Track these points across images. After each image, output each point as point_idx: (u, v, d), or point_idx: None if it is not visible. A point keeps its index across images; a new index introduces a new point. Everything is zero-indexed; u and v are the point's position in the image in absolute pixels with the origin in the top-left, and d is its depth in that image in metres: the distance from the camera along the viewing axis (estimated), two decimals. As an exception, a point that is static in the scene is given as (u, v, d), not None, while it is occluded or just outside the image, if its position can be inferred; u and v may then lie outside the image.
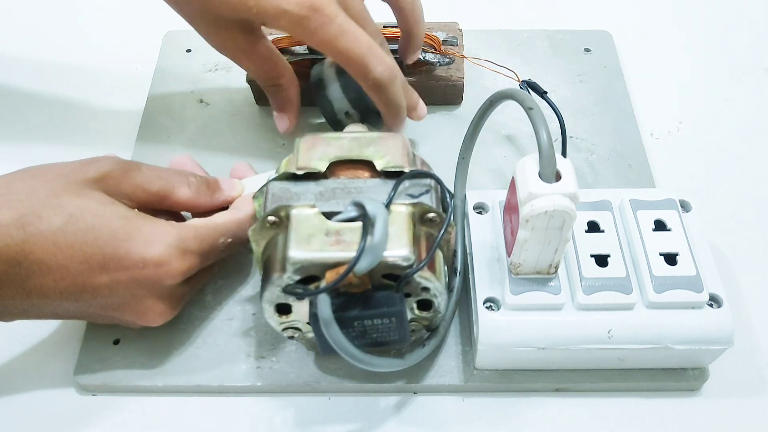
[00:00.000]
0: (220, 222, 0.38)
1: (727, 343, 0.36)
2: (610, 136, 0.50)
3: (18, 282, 0.33)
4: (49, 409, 0.39)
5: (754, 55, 0.57)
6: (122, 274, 0.34)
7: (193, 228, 0.37)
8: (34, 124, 0.52)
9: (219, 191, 0.41)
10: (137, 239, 0.34)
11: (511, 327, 0.36)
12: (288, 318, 0.35)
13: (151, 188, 0.37)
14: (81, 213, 0.34)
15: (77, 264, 0.33)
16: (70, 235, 0.33)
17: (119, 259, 0.34)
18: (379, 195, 0.34)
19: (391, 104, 0.42)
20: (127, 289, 0.35)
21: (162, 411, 0.39)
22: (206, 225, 0.37)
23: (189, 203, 0.39)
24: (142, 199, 0.37)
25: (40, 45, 0.58)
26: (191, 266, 0.36)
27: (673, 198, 0.39)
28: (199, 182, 0.40)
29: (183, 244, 0.35)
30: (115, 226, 0.34)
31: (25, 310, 0.35)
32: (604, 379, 0.38)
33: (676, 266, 0.37)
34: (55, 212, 0.33)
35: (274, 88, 0.45)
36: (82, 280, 0.34)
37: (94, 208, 0.34)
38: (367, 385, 0.39)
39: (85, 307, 0.36)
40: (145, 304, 0.36)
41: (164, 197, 0.38)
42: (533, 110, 0.33)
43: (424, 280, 0.33)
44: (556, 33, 0.57)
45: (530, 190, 0.32)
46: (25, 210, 0.33)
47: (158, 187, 0.38)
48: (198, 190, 0.39)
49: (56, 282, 0.34)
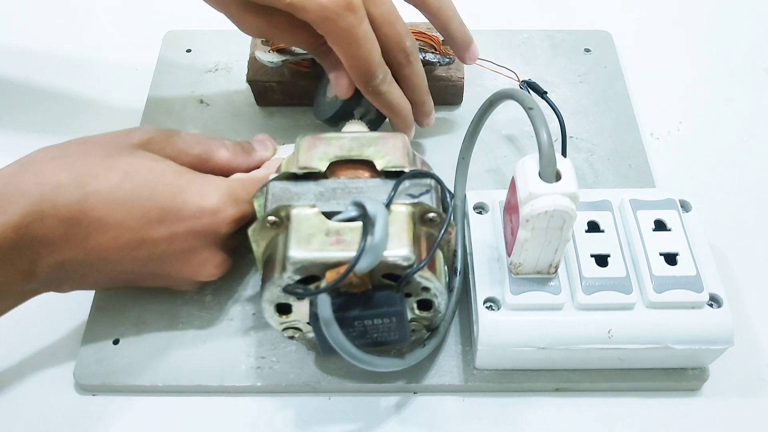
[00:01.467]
0: (261, 176, 0.40)
1: (727, 343, 0.36)
2: (610, 136, 0.50)
3: (77, 241, 0.34)
4: (49, 409, 0.39)
5: (754, 55, 0.57)
6: (180, 226, 0.35)
7: (240, 180, 0.39)
8: (34, 124, 0.52)
9: (254, 152, 0.43)
10: (192, 191, 0.36)
11: (511, 327, 0.36)
12: (288, 318, 0.35)
13: (193, 151, 0.39)
14: (136, 170, 0.35)
15: (135, 219, 0.35)
16: (127, 191, 0.35)
17: (176, 211, 0.35)
18: (379, 195, 0.34)
19: (392, 106, 0.43)
20: (185, 240, 0.36)
21: (162, 411, 0.39)
22: (250, 177, 0.40)
23: (228, 165, 0.41)
24: (185, 162, 0.39)
25: (40, 45, 0.58)
26: (244, 214, 0.37)
27: (673, 198, 0.39)
28: (235, 145, 0.42)
29: (234, 194, 0.37)
30: (170, 180, 0.36)
31: (84, 276, 0.36)
32: (604, 379, 0.38)
33: (676, 266, 0.37)
34: (111, 171, 0.35)
35: (323, 48, 0.43)
36: (141, 234, 0.35)
37: (147, 165, 0.36)
38: (367, 385, 0.39)
39: (142, 265, 0.37)
40: (203, 255, 0.37)
41: (205, 160, 0.40)
42: (533, 110, 0.33)
43: (424, 280, 0.33)
44: (556, 33, 0.57)
45: (530, 190, 0.32)
46: (82, 170, 0.34)
47: (199, 150, 0.40)
48: (235, 151, 0.42)
49: (115, 239, 0.35)
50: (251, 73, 0.50)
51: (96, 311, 0.42)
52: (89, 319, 0.41)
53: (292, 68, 0.49)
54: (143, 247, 0.35)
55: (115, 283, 0.39)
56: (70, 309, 0.42)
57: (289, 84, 0.49)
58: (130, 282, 0.39)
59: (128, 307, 0.42)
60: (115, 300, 0.42)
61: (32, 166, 0.34)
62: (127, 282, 0.39)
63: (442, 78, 0.50)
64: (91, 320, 0.41)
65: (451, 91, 0.51)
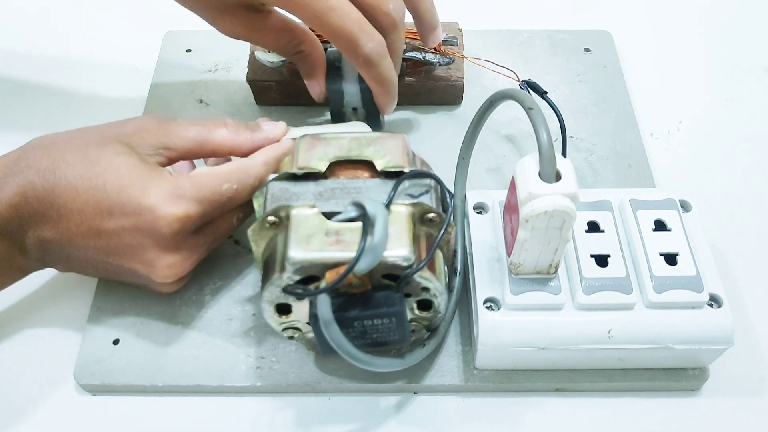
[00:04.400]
0: (224, 169, 0.38)
1: (727, 343, 0.36)
2: (610, 136, 0.50)
3: (52, 223, 0.36)
4: (49, 409, 0.39)
5: (754, 55, 0.57)
6: (125, 221, 0.35)
7: (193, 176, 0.37)
8: (34, 124, 0.52)
9: (259, 130, 0.41)
10: (136, 186, 0.35)
11: (511, 327, 0.36)
12: (288, 318, 0.35)
13: (187, 133, 0.38)
14: (98, 160, 0.36)
15: (91, 208, 0.35)
16: (86, 180, 0.35)
17: (122, 205, 0.35)
18: (379, 195, 0.34)
19: (382, 80, 0.42)
20: (133, 236, 0.36)
21: (162, 411, 0.39)
22: (208, 172, 0.37)
23: (228, 144, 0.39)
24: (181, 147, 0.38)
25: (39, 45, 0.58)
26: (188, 212, 0.36)
27: (673, 198, 0.39)
28: (236, 123, 0.40)
29: (178, 191, 0.36)
30: (122, 173, 0.35)
31: (67, 258, 0.38)
32: (604, 379, 0.38)
33: (676, 266, 0.36)
34: (80, 160, 0.36)
35: (298, 56, 0.45)
36: (96, 224, 0.35)
37: (108, 157, 0.36)
38: (367, 385, 0.39)
39: (105, 256, 0.37)
40: (151, 255, 0.36)
41: (201, 141, 0.39)
42: (533, 110, 0.33)
43: (424, 280, 0.33)
44: (556, 33, 0.57)
45: (530, 190, 0.32)
46: (59, 157, 0.36)
47: (194, 132, 0.39)
48: (236, 130, 0.40)
49: (77, 225, 0.36)
50: (251, 73, 0.50)
51: (96, 311, 0.42)
52: (89, 319, 0.41)
53: (292, 68, 0.49)
54: (100, 238, 0.36)
55: (94, 271, 0.40)
56: (70, 309, 0.42)
57: (288, 84, 0.49)
58: (106, 273, 0.39)
59: (128, 307, 0.42)
60: (115, 300, 0.42)
61: (28, 152, 0.37)
62: (104, 273, 0.39)
63: (442, 78, 0.50)
64: (91, 320, 0.41)
65: (451, 91, 0.51)
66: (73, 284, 0.43)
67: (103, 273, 0.40)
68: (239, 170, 0.38)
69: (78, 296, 0.43)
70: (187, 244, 0.37)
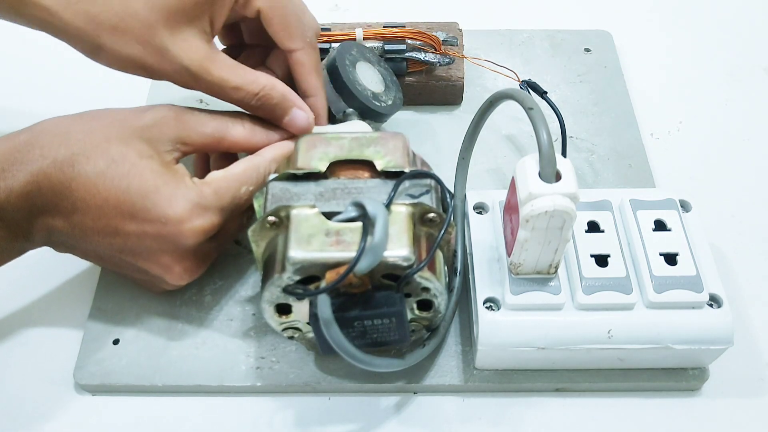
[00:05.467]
0: (238, 171, 0.38)
1: (727, 343, 0.36)
2: (610, 136, 0.50)
3: (66, 214, 0.35)
4: (49, 409, 0.39)
5: (754, 55, 0.57)
6: (148, 227, 0.35)
7: (211, 182, 0.37)
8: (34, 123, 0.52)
9: (274, 132, 0.40)
10: (163, 194, 0.35)
11: (511, 327, 0.36)
12: (288, 318, 0.35)
13: (205, 129, 0.38)
14: (122, 160, 0.35)
15: (111, 208, 0.35)
16: (108, 179, 0.35)
17: (146, 210, 0.35)
18: (379, 195, 0.34)
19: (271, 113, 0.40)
20: (154, 241, 0.36)
21: (162, 411, 0.39)
22: (225, 177, 0.37)
23: (245, 143, 0.39)
24: (198, 142, 0.38)
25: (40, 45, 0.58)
26: (212, 224, 0.36)
27: (673, 198, 0.39)
28: (253, 122, 0.40)
29: (203, 201, 0.36)
30: (146, 177, 0.35)
31: (73, 246, 0.37)
32: (604, 379, 0.38)
33: (676, 266, 0.37)
34: (102, 156, 0.35)
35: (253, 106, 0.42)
36: (115, 224, 0.35)
37: (132, 158, 0.35)
38: (367, 385, 0.39)
39: (118, 252, 0.37)
40: (170, 260, 0.37)
41: (220, 139, 0.38)
42: (533, 110, 0.33)
43: (424, 280, 0.33)
44: (556, 33, 0.57)
45: (530, 190, 0.32)
46: (79, 150, 0.35)
47: (212, 128, 0.38)
48: (253, 129, 0.39)
49: (93, 221, 0.35)
50: (251, 73, 0.50)
51: (96, 311, 0.42)
52: (89, 319, 0.41)
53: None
54: (118, 236, 0.36)
55: (99, 261, 0.40)
56: (70, 309, 0.42)
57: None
58: (114, 267, 0.39)
59: (128, 307, 0.42)
60: (115, 300, 0.42)
61: (41, 137, 0.36)
62: (112, 266, 0.39)
63: (442, 78, 0.50)
64: (91, 320, 0.41)
65: (451, 91, 0.51)
66: (74, 284, 0.43)
67: (108, 264, 0.40)
68: (252, 169, 0.38)
69: (78, 296, 0.43)
70: (204, 249, 0.38)
